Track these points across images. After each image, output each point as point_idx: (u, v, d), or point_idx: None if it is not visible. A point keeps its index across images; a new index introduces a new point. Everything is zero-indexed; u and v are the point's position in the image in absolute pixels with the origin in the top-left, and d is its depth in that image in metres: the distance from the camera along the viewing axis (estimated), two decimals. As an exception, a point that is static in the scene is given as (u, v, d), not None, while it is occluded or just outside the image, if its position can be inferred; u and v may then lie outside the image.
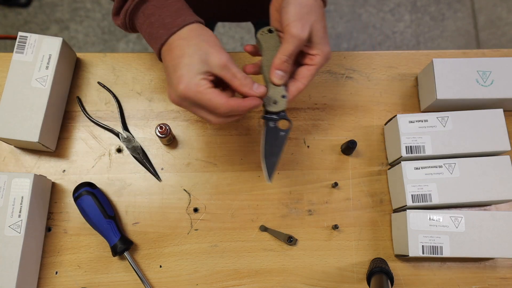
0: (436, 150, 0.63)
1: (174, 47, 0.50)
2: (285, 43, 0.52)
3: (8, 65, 0.65)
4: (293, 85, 0.55)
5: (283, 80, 0.54)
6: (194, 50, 0.49)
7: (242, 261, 0.64)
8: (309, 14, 0.52)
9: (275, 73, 0.53)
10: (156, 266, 0.64)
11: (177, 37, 0.51)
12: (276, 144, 0.56)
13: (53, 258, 0.63)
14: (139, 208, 0.66)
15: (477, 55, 0.74)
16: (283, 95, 0.55)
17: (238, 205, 0.66)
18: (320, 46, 0.54)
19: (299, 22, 0.51)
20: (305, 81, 0.55)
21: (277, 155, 0.56)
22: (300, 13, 0.51)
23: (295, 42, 0.51)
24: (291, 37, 0.51)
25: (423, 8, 1.87)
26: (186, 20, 0.52)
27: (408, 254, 0.59)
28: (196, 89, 0.48)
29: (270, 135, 0.56)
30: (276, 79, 0.53)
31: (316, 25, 0.52)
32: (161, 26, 0.52)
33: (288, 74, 0.54)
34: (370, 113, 0.71)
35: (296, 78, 0.55)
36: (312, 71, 0.55)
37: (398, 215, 0.64)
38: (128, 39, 1.76)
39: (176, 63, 0.49)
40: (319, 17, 0.53)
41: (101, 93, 0.70)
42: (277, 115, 0.56)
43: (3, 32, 1.74)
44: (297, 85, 0.55)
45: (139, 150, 0.68)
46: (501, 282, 0.64)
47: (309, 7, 0.52)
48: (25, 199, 0.59)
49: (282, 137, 0.56)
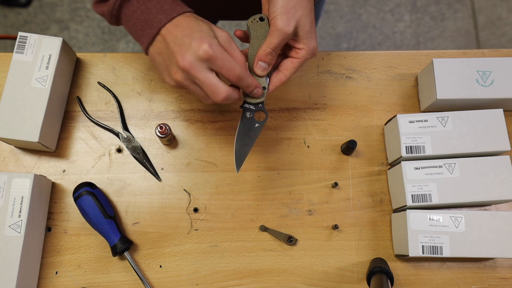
0: (436, 150, 0.63)
1: (181, 22, 0.51)
2: (270, 36, 0.53)
3: (8, 65, 0.65)
4: (275, 76, 0.56)
5: (265, 72, 0.55)
6: (202, 24, 0.51)
7: (242, 261, 0.64)
8: (295, 8, 0.52)
9: (258, 64, 0.54)
10: (156, 266, 0.64)
11: (181, 17, 0.52)
12: (249, 135, 0.57)
13: (53, 258, 0.63)
14: (139, 208, 0.66)
15: (477, 55, 0.74)
16: (264, 86, 0.55)
17: (238, 205, 0.66)
18: (305, 41, 0.54)
19: (285, 15, 0.51)
20: (287, 73, 0.55)
21: (248, 146, 0.57)
22: (287, 6, 0.51)
23: (280, 35, 0.52)
24: (276, 30, 0.52)
25: (423, 8, 1.87)
26: (184, 9, 0.53)
27: (408, 254, 0.59)
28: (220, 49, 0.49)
29: (245, 125, 0.57)
30: (258, 70, 0.54)
31: (302, 19, 0.53)
32: (160, 12, 0.52)
33: (271, 66, 0.55)
34: (370, 113, 0.71)
35: (279, 70, 0.56)
36: (296, 64, 0.55)
37: (398, 215, 0.64)
38: (128, 39, 1.76)
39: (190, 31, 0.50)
40: (306, 12, 0.53)
41: (101, 93, 0.70)
42: (255, 106, 0.57)
43: (3, 32, 1.74)
44: (279, 76, 0.56)
45: (139, 150, 0.68)
46: (501, 282, 0.64)
47: (296, 1, 0.52)
48: (25, 199, 0.59)
49: (256, 128, 0.57)
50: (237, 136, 0.57)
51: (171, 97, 0.71)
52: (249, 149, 0.57)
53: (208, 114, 0.70)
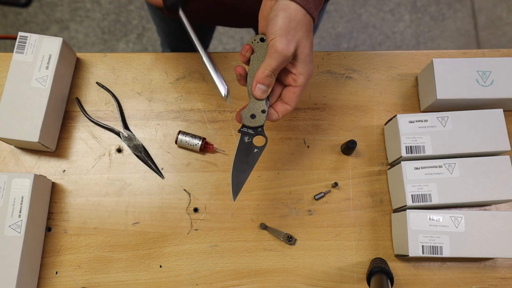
0: (436, 150, 0.63)
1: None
2: (268, 58, 0.50)
3: (8, 65, 0.65)
4: (281, 106, 0.54)
5: (264, 95, 0.52)
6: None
7: (242, 261, 0.64)
8: (296, 29, 0.50)
9: (257, 87, 0.52)
10: (156, 266, 0.64)
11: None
12: (247, 160, 0.54)
13: (53, 258, 0.63)
14: (139, 208, 0.66)
15: (477, 55, 0.74)
16: (263, 109, 0.53)
17: (238, 205, 0.66)
18: (303, 65, 0.52)
19: (285, 37, 0.49)
20: (293, 104, 0.54)
21: (246, 173, 0.54)
22: (287, 27, 0.49)
23: (279, 58, 0.50)
24: (276, 52, 0.49)
25: (423, 8, 1.87)
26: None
27: (408, 254, 0.59)
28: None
29: (242, 151, 0.54)
30: (257, 93, 0.52)
31: (303, 41, 0.51)
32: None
33: (270, 88, 0.53)
34: (370, 113, 0.71)
35: (284, 102, 0.54)
36: (298, 93, 0.53)
37: (398, 215, 0.64)
38: (128, 39, 1.76)
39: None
40: (306, 34, 0.51)
41: (101, 93, 0.70)
42: (254, 130, 0.54)
43: (3, 32, 1.74)
44: (285, 107, 0.54)
45: (141, 148, 0.68)
46: (501, 282, 0.64)
47: (297, 22, 0.50)
48: (25, 199, 0.59)
49: (255, 154, 0.54)
50: (234, 162, 0.54)
51: (171, 97, 0.71)
52: (247, 176, 0.54)
53: (208, 114, 0.70)
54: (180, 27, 0.57)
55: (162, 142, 0.69)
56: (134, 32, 1.76)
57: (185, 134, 0.67)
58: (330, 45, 1.81)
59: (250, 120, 0.53)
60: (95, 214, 0.65)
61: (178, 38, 1.05)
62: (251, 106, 0.53)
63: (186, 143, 0.67)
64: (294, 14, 0.50)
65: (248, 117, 0.53)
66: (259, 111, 0.53)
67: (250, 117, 0.53)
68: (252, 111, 0.53)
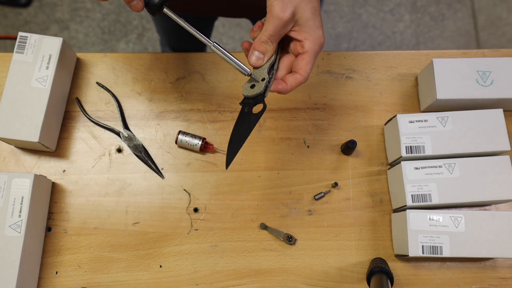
0: (436, 150, 0.63)
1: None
2: (265, 23, 0.50)
3: (8, 65, 0.65)
4: (291, 76, 0.52)
5: (259, 62, 0.51)
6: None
7: (242, 261, 0.64)
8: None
9: (252, 53, 0.51)
10: (156, 266, 0.64)
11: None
12: (244, 127, 0.52)
13: (53, 258, 0.63)
14: (139, 208, 0.66)
15: (477, 55, 0.74)
16: (263, 78, 0.51)
17: (238, 205, 0.66)
18: (307, 29, 0.50)
19: (281, 1, 0.48)
20: (302, 71, 0.51)
21: (242, 140, 0.52)
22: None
23: (275, 21, 0.49)
24: (271, 16, 0.49)
25: (423, 8, 1.87)
26: None
27: (408, 254, 0.59)
28: None
29: (241, 120, 0.53)
30: (252, 60, 0.51)
31: (302, 5, 0.49)
32: None
33: (267, 56, 0.51)
34: (370, 113, 0.71)
35: (294, 70, 0.52)
36: (307, 59, 0.51)
37: (398, 215, 0.64)
38: (128, 39, 1.76)
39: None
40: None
41: (101, 93, 0.70)
42: (254, 99, 0.52)
43: (3, 32, 1.74)
44: (295, 77, 0.51)
45: (141, 148, 0.68)
46: (501, 282, 0.64)
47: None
48: (25, 199, 0.59)
49: (252, 120, 0.52)
50: (232, 133, 0.53)
51: (171, 97, 0.71)
52: (242, 143, 0.52)
53: (208, 114, 0.70)
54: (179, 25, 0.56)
55: (162, 142, 0.69)
56: (134, 32, 1.76)
57: (185, 134, 0.67)
58: (330, 45, 1.81)
59: (249, 90, 0.52)
60: (95, 214, 0.65)
61: (178, 36, 1.05)
62: (252, 78, 0.52)
63: (186, 143, 0.67)
64: None
65: (248, 88, 0.52)
66: (259, 80, 0.51)
67: (250, 87, 0.52)
68: (253, 82, 0.52)
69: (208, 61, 0.73)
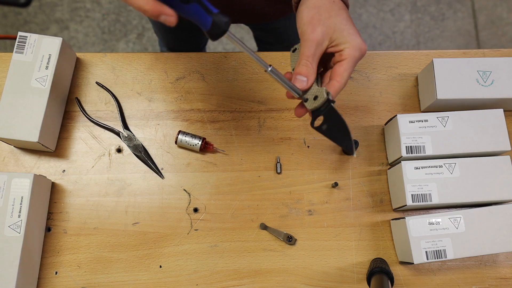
0: (436, 150, 0.63)
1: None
2: (300, 49, 0.52)
3: (8, 65, 0.65)
4: (329, 85, 0.53)
5: (305, 84, 0.52)
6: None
7: (242, 261, 0.64)
8: (320, 13, 0.51)
9: (295, 78, 0.52)
10: (156, 266, 0.64)
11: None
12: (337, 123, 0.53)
13: (53, 258, 0.63)
14: (139, 208, 0.66)
15: (477, 55, 0.74)
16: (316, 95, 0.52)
17: (238, 205, 0.66)
18: (343, 40, 0.51)
19: (310, 25, 0.51)
20: (339, 78, 0.52)
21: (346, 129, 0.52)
22: (310, 15, 0.51)
23: (308, 44, 0.50)
24: (303, 41, 0.51)
25: (423, 8, 1.87)
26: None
27: (413, 262, 0.59)
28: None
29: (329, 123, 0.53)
30: (298, 84, 0.52)
31: (331, 20, 0.51)
32: None
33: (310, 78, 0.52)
34: (370, 113, 0.71)
35: (331, 78, 0.53)
36: (345, 66, 0.51)
37: (397, 222, 0.64)
38: (128, 39, 1.76)
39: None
40: (333, 13, 0.51)
41: (101, 93, 0.70)
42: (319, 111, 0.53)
43: (3, 32, 1.74)
44: (332, 84, 0.52)
45: (141, 148, 0.68)
46: (501, 282, 0.64)
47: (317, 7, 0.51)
48: (25, 199, 0.59)
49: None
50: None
51: (171, 97, 0.71)
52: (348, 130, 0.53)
53: (208, 114, 0.70)
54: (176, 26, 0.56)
55: (162, 142, 0.69)
56: (134, 32, 1.76)
57: (185, 134, 0.67)
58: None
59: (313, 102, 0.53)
60: (95, 214, 0.65)
61: (175, 36, 1.05)
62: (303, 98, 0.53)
63: (186, 143, 0.67)
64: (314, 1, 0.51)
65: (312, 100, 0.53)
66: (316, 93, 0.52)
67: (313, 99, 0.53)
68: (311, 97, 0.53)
69: (208, 61, 0.72)
